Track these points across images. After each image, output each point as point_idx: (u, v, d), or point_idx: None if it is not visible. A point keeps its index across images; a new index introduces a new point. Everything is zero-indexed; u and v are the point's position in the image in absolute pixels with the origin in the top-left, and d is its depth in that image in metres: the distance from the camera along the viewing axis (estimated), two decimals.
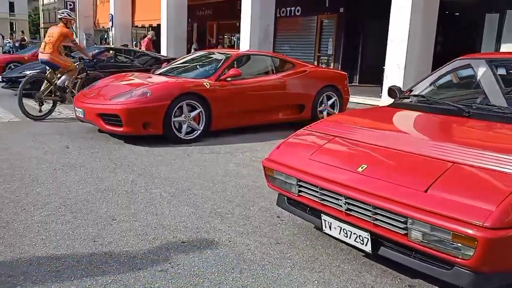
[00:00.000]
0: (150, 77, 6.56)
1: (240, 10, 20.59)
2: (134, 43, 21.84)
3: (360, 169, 2.46)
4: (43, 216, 3.33)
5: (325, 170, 2.58)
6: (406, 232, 2.19)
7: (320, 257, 2.79)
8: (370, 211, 2.31)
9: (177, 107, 5.75)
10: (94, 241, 2.93)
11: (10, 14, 69.34)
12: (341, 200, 2.43)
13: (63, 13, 7.92)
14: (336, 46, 16.67)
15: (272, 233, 3.14)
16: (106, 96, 5.87)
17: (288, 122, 7.05)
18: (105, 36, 29.67)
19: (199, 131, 6.02)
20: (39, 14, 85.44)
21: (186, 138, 5.93)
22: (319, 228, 3.00)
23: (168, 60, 8.81)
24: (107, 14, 23.18)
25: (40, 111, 7.50)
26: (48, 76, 7.86)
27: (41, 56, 7.68)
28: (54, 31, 7.57)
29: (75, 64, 7.94)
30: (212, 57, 7.20)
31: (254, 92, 6.56)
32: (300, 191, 2.73)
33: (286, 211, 3.13)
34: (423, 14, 8.91)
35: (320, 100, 7.27)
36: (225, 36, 23.47)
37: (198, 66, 7.01)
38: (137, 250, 2.81)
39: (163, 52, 16.67)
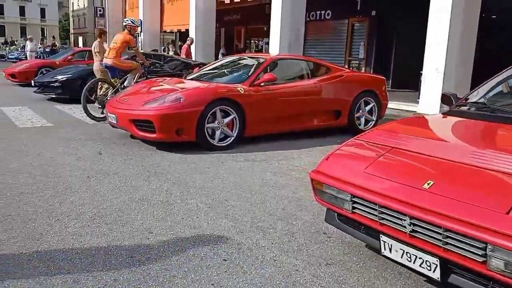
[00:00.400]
0: (183, 83, 6.43)
1: (269, 14, 20.46)
2: (162, 48, 21.94)
3: (426, 186, 2.20)
4: (78, 227, 3.18)
5: (384, 186, 2.34)
6: (485, 259, 1.93)
7: (377, 281, 2.54)
8: (440, 234, 2.05)
9: (210, 113, 5.59)
10: (131, 256, 2.76)
11: (41, 20, 71.35)
12: (405, 220, 2.18)
13: (127, 20, 8.27)
14: (368, 50, 16.33)
15: (320, 252, 2.90)
16: (139, 102, 5.75)
17: (324, 128, 6.82)
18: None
19: (232, 138, 5.84)
20: (69, 20, 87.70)
21: (219, 144, 5.76)
22: (372, 248, 2.75)
23: (199, 65, 8.70)
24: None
25: (102, 113, 7.71)
26: (108, 79, 8.27)
27: (105, 61, 8.09)
28: (118, 38, 7.97)
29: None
30: (244, 62, 7.02)
31: (289, 98, 6.34)
32: (354, 207, 2.49)
33: (334, 227, 2.89)
34: (464, 14, 8.53)
35: (358, 105, 6.99)
36: (252, 41, 23.38)
37: (230, 71, 6.84)
38: (177, 268, 2.62)
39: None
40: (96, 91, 9.76)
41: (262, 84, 6.06)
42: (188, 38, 15.71)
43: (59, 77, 9.77)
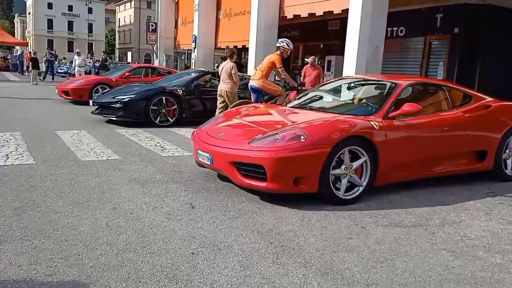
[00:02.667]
0: (290, 113, 5.05)
1: (330, 31, 19.18)
2: (216, 65, 20.86)
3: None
4: None
5: None
6: None
7: None
8: None
9: (337, 156, 4.16)
10: None
11: (88, 35, 72.81)
12: None
13: (282, 42, 7.75)
14: (448, 71, 14.63)
15: None
16: (241, 138, 4.38)
17: (457, 174, 5.28)
18: (183, 58, 29.34)
19: (361, 188, 4.37)
20: (115, 35, 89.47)
21: (345, 197, 4.30)
22: None
23: (297, 88, 7.31)
24: (189, 35, 22.55)
25: None
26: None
27: (251, 83, 7.72)
28: (266, 59, 7.66)
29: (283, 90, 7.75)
30: (363, 87, 5.58)
31: (430, 134, 4.84)
32: None
33: None
34: None
35: (506, 144, 5.41)
36: (305, 59, 22.00)
37: (351, 99, 5.40)
38: None
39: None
40: (160, 112, 8.59)
41: (399, 117, 4.59)
42: (308, 57, 13.71)
43: (122, 97, 8.63)
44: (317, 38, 19.67)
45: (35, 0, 73.04)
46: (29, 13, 78.68)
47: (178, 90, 8.89)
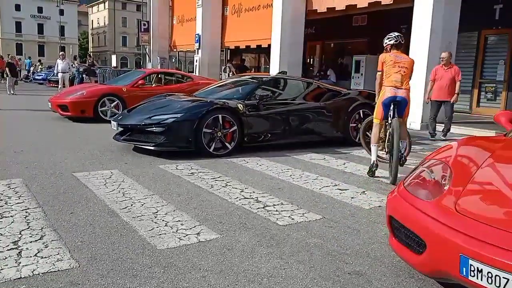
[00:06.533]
0: None
1: (356, 27, 16.92)
2: (223, 68, 18.32)
3: None
4: None
5: None
6: None
7: None
8: None
9: None
10: None
11: (60, 38, 68.75)
12: None
13: (398, 35, 5.47)
14: (511, 70, 12.61)
15: None
16: None
17: None
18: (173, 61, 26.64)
19: None
20: (87, 39, 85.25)
21: None
22: None
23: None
24: (187, 35, 19.96)
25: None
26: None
27: (399, 93, 5.23)
28: (406, 61, 5.32)
29: None
30: None
31: None
32: None
33: None
34: None
35: None
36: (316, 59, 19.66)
37: None
38: None
39: None
40: (215, 136, 6.17)
41: None
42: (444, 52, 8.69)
43: (162, 116, 6.05)
44: (339, 35, 17.40)
45: (1, 1, 68.40)
46: None
47: (238, 105, 6.39)
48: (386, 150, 5.56)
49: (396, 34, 5.48)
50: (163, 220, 3.63)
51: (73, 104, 9.55)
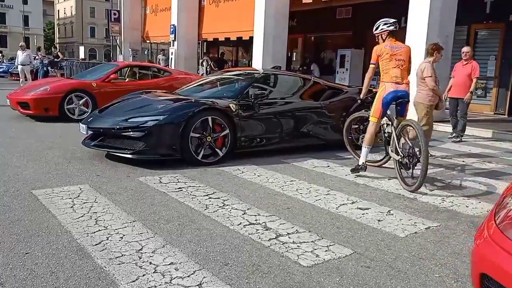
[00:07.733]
0: None
1: (339, 20, 16.21)
2: (200, 61, 17.30)
3: None
4: None
5: None
6: None
7: None
8: None
9: None
10: None
11: (24, 28, 65.61)
12: None
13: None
14: (502, 66, 12.16)
15: None
16: None
17: None
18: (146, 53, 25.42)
19: None
20: (53, 29, 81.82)
21: None
22: None
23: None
24: (161, 26, 18.84)
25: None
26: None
27: (401, 87, 4.86)
28: (402, 51, 4.89)
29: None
30: None
31: None
32: None
33: None
34: None
35: None
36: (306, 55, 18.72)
37: None
38: None
39: None
40: (204, 141, 5.28)
41: None
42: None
43: (142, 119, 5.11)
44: (321, 28, 16.64)
45: None
46: None
47: (230, 105, 5.53)
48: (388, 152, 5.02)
49: (393, 19, 4.92)
50: (150, 263, 2.75)
51: (35, 101, 8.42)
